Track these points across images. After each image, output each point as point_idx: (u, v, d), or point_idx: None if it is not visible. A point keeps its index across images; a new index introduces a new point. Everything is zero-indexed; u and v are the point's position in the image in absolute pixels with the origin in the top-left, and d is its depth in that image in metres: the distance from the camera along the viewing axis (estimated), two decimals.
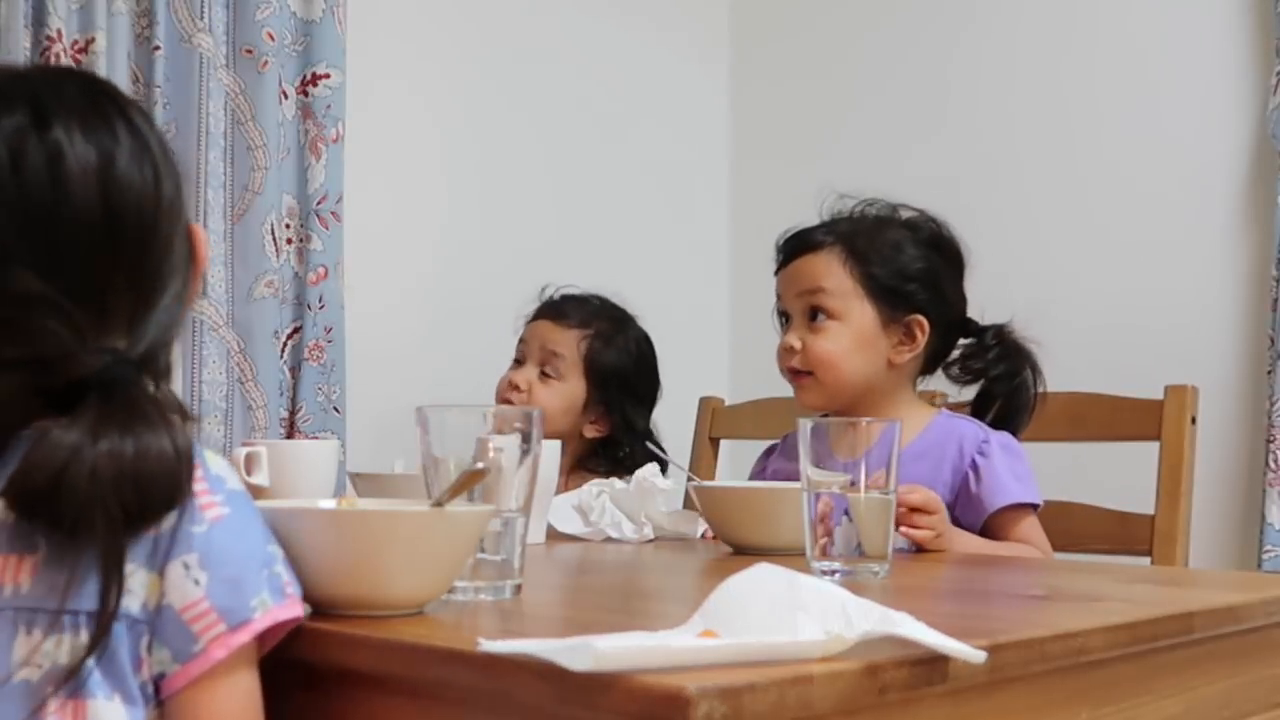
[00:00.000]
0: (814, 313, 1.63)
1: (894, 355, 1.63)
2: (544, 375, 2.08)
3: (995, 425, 1.65)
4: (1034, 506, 1.58)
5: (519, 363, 2.12)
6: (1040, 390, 1.67)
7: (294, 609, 0.82)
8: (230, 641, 0.78)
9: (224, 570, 0.79)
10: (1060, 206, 2.36)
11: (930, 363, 1.69)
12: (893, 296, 1.63)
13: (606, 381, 2.09)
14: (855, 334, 1.62)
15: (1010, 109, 2.44)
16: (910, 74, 2.58)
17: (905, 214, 1.69)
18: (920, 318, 1.63)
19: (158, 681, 0.79)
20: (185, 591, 0.78)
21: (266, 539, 0.84)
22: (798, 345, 1.63)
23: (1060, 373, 1.78)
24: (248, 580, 0.80)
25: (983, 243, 1.74)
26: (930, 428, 1.63)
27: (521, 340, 2.14)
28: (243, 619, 0.79)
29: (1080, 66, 2.36)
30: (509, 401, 2.05)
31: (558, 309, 2.13)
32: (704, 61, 2.83)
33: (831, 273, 1.63)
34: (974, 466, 1.57)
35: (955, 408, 1.75)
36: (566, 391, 2.08)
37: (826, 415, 1.64)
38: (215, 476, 0.84)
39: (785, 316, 1.70)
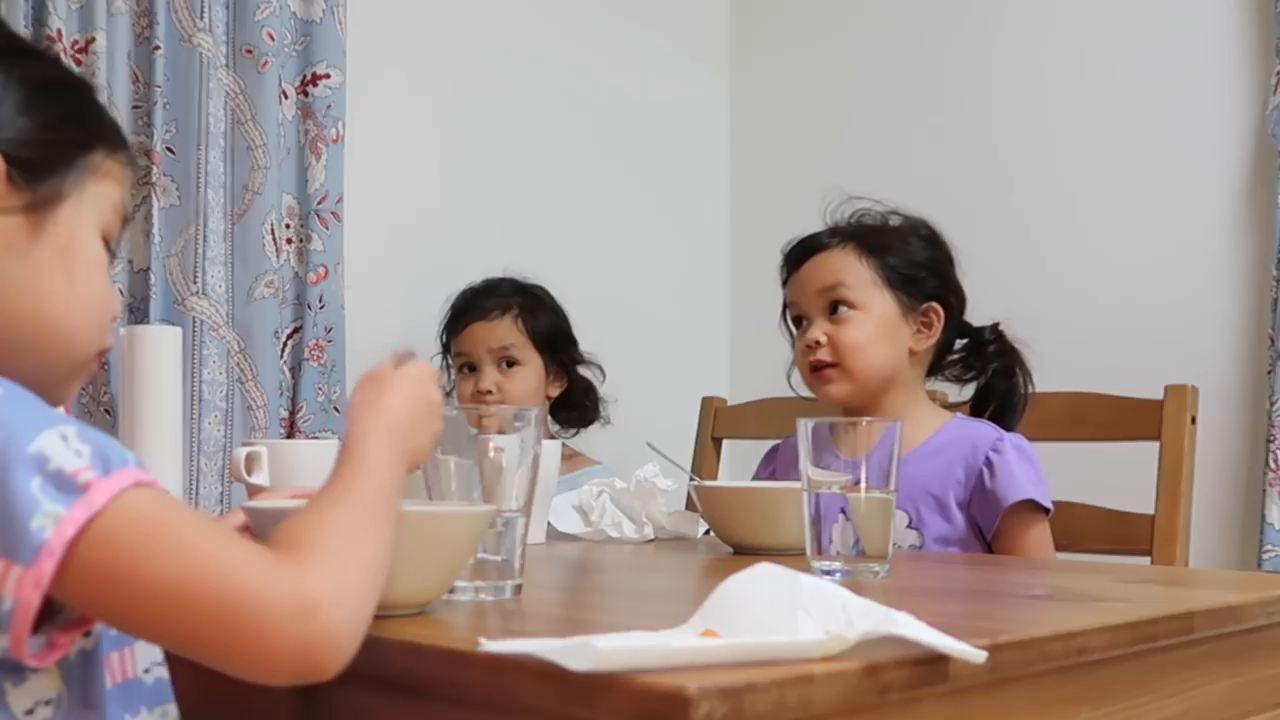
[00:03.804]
0: (834, 306, 1.66)
1: (914, 343, 1.67)
2: (505, 369, 2.15)
3: (994, 421, 1.68)
4: (1045, 511, 1.59)
5: (470, 369, 2.17)
6: (1030, 390, 1.70)
7: (102, 494, 0.68)
8: (37, 579, 0.66)
9: None
10: (1060, 206, 2.36)
11: (935, 358, 1.71)
12: (910, 285, 1.67)
13: (553, 342, 2.21)
14: (878, 323, 1.65)
15: (1010, 108, 2.44)
16: (909, 75, 2.58)
17: (895, 220, 1.72)
18: (936, 305, 1.67)
19: (12, 658, 0.70)
20: None
21: (30, 435, 0.69)
22: (822, 339, 1.65)
23: (1060, 373, 1.78)
24: (17, 502, 0.67)
25: (982, 242, 1.75)
26: (945, 428, 1.66)
27: (458, 353, 2.19)
28: (35, 547, 0.66)
29: (1080, 66, 2.36)
30: None
31: (479, 307, 2.19)
32: (704, 62, 2.83)
33: (850, 266, 1.66)
34: (988, 463, 1.58)
35: (951, 407, 1.77)
36: (531, 372, 2.18)
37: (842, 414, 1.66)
38: None
39: (798, 321, 1.71)
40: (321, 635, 0.69)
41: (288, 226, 2.10)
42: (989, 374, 1.71)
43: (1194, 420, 1.70)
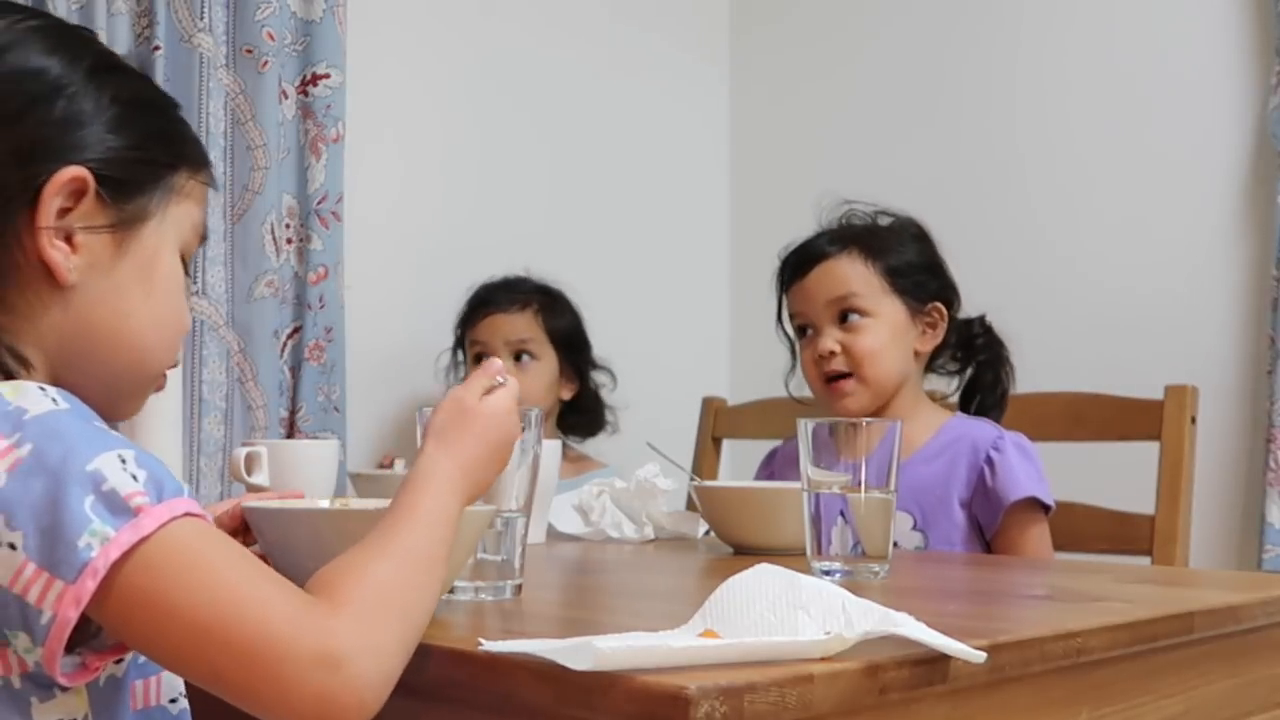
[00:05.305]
0: (844, 315, 1.66)
1: (920, 344, 1.68)
2: (518, 362, 2.15)
3: (979, 415, 1.69)
4: (1046, 509, 1.59)
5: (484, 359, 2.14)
6: (1012, 382, 1.72)
7: (152, 520, 0.69)
8: (77, 596, 0.67)
9: (39, 520, 0.68)
10: (1061, 207, 2.36)
11: (931, 357, 1.72)
12: (915, 288, 1.67)
13: (570, 343, 2.21)
14: (890, 328, 1.66)
15: (1010, 110, 2.44)
16: (909, 77, 2.58)
17: (884, 220, 1.72)
18: (940, 304, 1.68)
19: (45, 673, 0.71)
20: (3, 562, 0.68)
21: (89, 454, 0.70)
22: (836, 348, 1.65)
23: (1060, 373, 1.78)
24: (68, 518, 0.68)
25: (983, 242, 1.75)
26: (944, 429, 1.66)
27: (475, 342, 2.18)
28: (79, 565, 0.67)
29: (1080, 67, 2.36)
30: None
31: (499, 299, 2.18)
32: (704, 63, 2.83)
33: (857, 274, 1.66)
34: (989, 462, 1.59)
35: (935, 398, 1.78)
36: (545, 369, 2.18)
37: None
38: (9, 411, 0.72)
39: (803, 330, 1.71)
40: (344, 689, 0.68)
41: (288, 226, 2.10)
42: (975, 366, 1.73)
43: (1194, 420, 1.70)
